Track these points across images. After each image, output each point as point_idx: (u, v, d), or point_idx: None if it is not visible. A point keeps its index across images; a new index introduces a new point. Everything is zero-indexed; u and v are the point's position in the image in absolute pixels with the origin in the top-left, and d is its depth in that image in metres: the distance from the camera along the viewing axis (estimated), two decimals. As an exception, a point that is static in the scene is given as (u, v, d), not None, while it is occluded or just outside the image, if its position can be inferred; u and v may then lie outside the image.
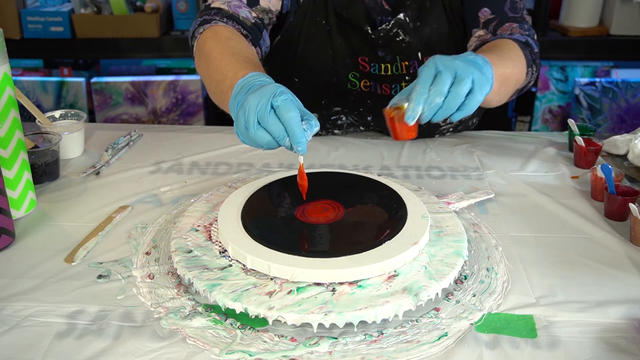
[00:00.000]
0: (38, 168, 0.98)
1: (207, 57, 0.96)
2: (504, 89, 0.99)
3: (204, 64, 0.97)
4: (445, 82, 0.78)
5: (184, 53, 2.19)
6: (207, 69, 0.95)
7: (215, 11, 1.04)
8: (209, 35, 1.00)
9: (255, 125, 0.74)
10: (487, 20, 1.10)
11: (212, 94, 0.96)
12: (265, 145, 0.76)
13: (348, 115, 1.17)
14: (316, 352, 0.64)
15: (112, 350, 0.64)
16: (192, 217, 0.85)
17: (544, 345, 0.66)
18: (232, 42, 0.98)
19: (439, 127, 1.17)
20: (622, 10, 2.12)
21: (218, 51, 0.95)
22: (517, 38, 1.05)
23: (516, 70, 1.00)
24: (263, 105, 0.73)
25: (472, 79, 0.79)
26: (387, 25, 1.10)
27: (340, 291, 0.68)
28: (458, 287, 0.74)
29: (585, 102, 2.25)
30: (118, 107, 2.28)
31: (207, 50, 0.97)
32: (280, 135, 0.74)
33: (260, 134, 0.74)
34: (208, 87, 0.97)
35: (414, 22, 1.11)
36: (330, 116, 1.17)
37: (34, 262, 0.79)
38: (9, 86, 0.87)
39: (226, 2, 1.05)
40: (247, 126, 0.74)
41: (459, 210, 0.92)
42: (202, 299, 0.71)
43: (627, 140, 1.09)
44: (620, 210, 0.89)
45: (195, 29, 1.04)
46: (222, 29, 1.01)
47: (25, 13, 2.13)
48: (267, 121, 0.73)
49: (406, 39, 1.11)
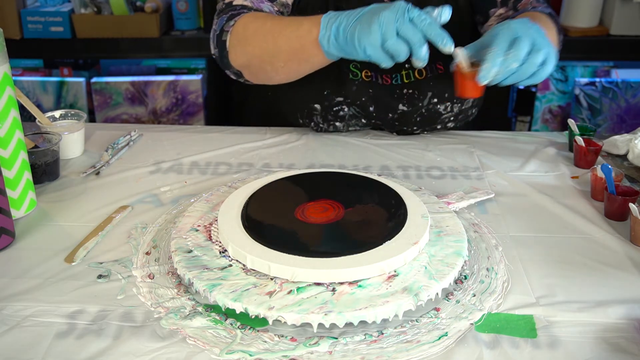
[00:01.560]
0: (38, 168, 0.98)
1: (260, 29, 1.00)
2: None
3: (259, 36, 1.00)
4: (523, 48, 0.81)
5: (184, 53, 2.19)
6: (266, 36, 0.99)
7: (240, 7, 1.07)
8: (248, 19, 1.03)
9: (394, 36, 0.81)
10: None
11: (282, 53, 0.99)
12: (403, 56, 0.83)
13: (350, 106, 1.17)
14: (316, 352, 0.64)
15: (112, 350, 0.64)
16: (192, 217, 0.85)
17: (544, 345, 0.66)
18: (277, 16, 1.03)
19: (440, 115, 1.18)
20: (622, 10, 2.12)
21: (271, 20, 1.00)
22: (542, 10, 1.07)
23: (552, 39, 1.02)
24: (401, 16, 0.81)
25: (547, 50, 0.83)
26: None
27: (340, 291, 0.68)
28: (458, 287, 0.74)
29: (585, 102, 2.25)
30: (118, 107, 2.28)
31: (255, 26, 1.01)
32: (420, 42, 0.82)
33: (400, 45, 0.82)
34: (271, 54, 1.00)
35: (420, 6, 1.13)
36: (332, 107, 1.17)
37: (34, 262, 0.79)
38: (9, 86, 0.87)
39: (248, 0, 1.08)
40: (385, 38, 0.82)
41: (459, 210, 0.92)
42: (202, 299, 0.71)
43: (627, 140, 1.09)
44: (620, 210, 0.89)
45: (223, 24, 1.05)
46: (257, 13, 1.05)
47: (25, 13, 2.13)
48: (408, 30, 0.81)
49: None
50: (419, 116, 1.16)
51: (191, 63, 2.32)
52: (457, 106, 1.17)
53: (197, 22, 2.24)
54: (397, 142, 1.17)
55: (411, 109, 1.14)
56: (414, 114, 1.15)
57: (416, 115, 1.16)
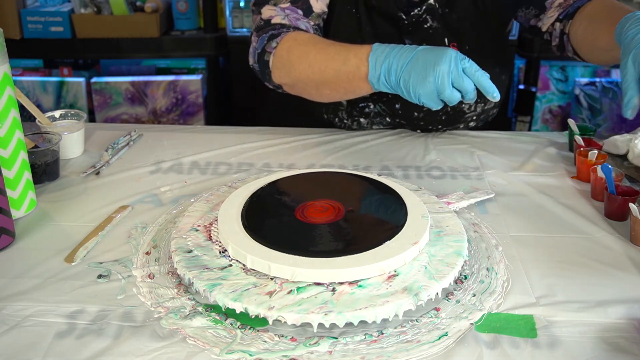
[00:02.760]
0: (38, 168, 0.98)
1: (305, 57, 0.99)
2: None
3: (304, 64, 0.99)
4: None
5: (184, 53, 2.19)
6: (312, 66, 0.98)
7: (280, 26, 1.05)
8: (291, 44, 1.01)
9: (449, 87, 0.85)
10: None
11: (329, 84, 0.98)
12: (457, 100, 0.87)
13: (376, 103, 1.17)
14: (316, 352, 0.64)
15: (112, 350, 0.64)
16: (192, 217, 0.85)
17: (544, 345, 0.66)
18: (316, 39, 1.02)
19: (464, 114, 1.18)
20: (622, 10, 2.12)
21: (314, 48, 0.99)
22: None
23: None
24: (455, 68, 0.84)
25: None
26: (419, 10, 1.12)
27: (340, 291, 0.68)
28: (458, 287, 0.74)
29: (585, 102, 2.25)
30: (118, 107, 2.28)
31: (299, 53, 1.00)
32: (472, 90, 0.86)
33: (455, 94, 0.86)
34: (317, 82, 0.99)
35: (442, 8, 1.13)
36: (358, 103, 1.17)
37: (34, 262, 0.79)
38: (9, 86, 0.87)
39: (285, 17, 1.06)
40: (441, 89, 0.85)
41: (459, 210, 0.92)
42: (202, 298, 0.71)
43: (627, 140, 1.09)
44: (620, 210, 0.89)
45: (264, 44, 1.04)
46: (298, 34, 1.03)
47: (25, 13, 2.13)
48: (462, 82, 0.85)
49: (434, 24, 1.13)
50: (444, 114, 1.17)
51: (191, 63, 2.32)
52: (481, 106, 1.18)
53: (197, 22, 2.24)
54: (397, 142, 1.17)
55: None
56: (440, 112, 1.15)
57: (441, 114, 1.16)
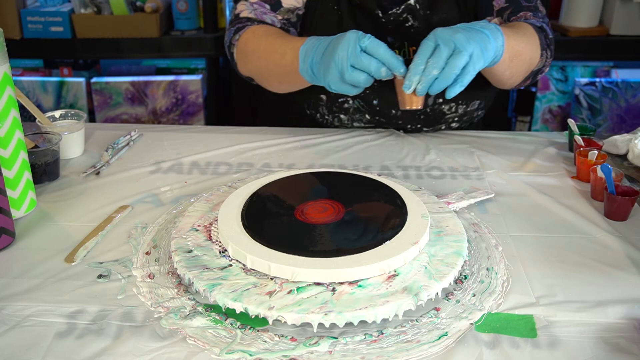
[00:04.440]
0: (38, 168, 0.98)
1: (256, 49, 1.06)
2: (516, 63, 1.01)
3: (255, 56, 1.07)
4: (442, 55, 0.83)
5: (184, 53, 2.19)
6: (260, 58, 1.06)
7: (245, 20, 1.14)
8: (249, 36, 1.10)
9: (349, 69, 0.84)
10: (502, 9, 1.14)
11: (274, 76, 1.06)
12: (363, 83, 0.87)
13: (355, 99, 1.18)
14: (316, 352, 0.64)
15: (112, 350, 0.65)
16: (192, 217, 0.85)
17: (544, 345, 0.66)
18: (272, 31, 1.09)
19: (444, 115, 1.18)
20: (622, 10, 2.12)
21: (265, 41, 1.06)
22: (533, 23, 1.08)
23: (529, 48, 1.02)
24: (353, 50, 0.83)
25: (470, 52, 0.83)
26: (397, 9, 1.13)
27: (340, 291, 0.68)
28: (458, 287, 0.74)
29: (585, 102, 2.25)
30: (118, 107, 2.28)
31: (253, 46, 1.08)
32: (377, 67, 0.85)
33: (357, 75, 0.85)
34: (267, 74, 1.07)
35: (424, 10, 1.14)
36: (337, 98, 1.18)
37: (34, 262, 0.79)
38: (9, 86, 0.87)
39: (252, 11, 1.13)
40: (342, 73, 0.85)
41: (459, 210, 0.92)
42: (202, 298, 0.71)
43: (627, 140, 1.09)
44: (620, 210, 0.89)
45: (231, 37, 1.13)
46: (258, 27, 1.11)
47: (25, 13, 2.13)
48: (362, 62, 0.84)
49: (415, 24, 1.13)
50: (423, 114, 1.17)
51: (191, 63, 2.32)
52: (462, 107, 1.18)
53: (197, 22, 2.24)
54: (397, 142, 1.17)
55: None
56: (418, 111, 1.16)
57: (420, 114, 1.16)
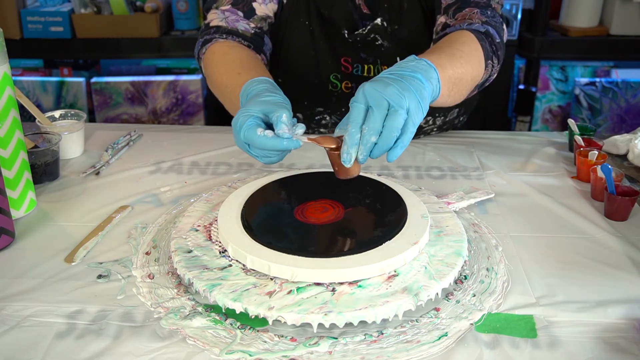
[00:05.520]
0: (38, 168, 0.98)
1: (211, 72, 1.04)
2: (457, 90, 0.92)
3: (210, 79, 1.05)
4: (376, 119, 0.72)
5: (184, 53, 2.19)
6: (211, 82, 1.04)
7: (215, 29, 1.08)
8: (209, 56, 1.06)
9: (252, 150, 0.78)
10: (448, 5, 1.06)
11: (224, 103, 1.03)
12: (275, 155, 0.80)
13: (331, 115, 1.18)
14: (316, 352, 0.64)
15: (112, 350, 0.64)
16: (192, 217, 0.85)
17: (544, 345, 0.66)
18: (228, 57, 1.03)
19: (421, 128, 1.17)
20: (622, 10, 2.12)
21: (219, 65, 1.02)
22: (476, 28, 1.00)
23: (470, 69, 0.93)
24: (241, 144, 0.78)
25: (406, 108, 0.73)
26: (363, 30, 1.11)
27: (340, 291, 0.68)
28: (458, 287, 0.74)
29: (585, 102, 2.25)
30: (118, 107, 2.28)
31: (209, 72, 1.05)
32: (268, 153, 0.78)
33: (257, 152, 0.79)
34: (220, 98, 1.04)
35: (391, 26, 1.11)
36: (314, 116, 1.18)
37: (34, 262, 0.79)
38: (9, 86, 0.87)
39: (224, 19, 1.08)
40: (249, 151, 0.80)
41: (459, 210, 0.92)
42: (202, 299, 0.71)
43: (627, 140, 1.09)
44: (621, 210, 0.89)
45: (199, 50, 1.09)
46: (219, 47, 1.06)
47: (25, 13, 2.13)
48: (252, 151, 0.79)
49: (384, 43, 1.11)
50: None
51: (191, 63, 2.32)
52: (440, 119, 1.17)
53: (197, 22, 2.24)
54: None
55: None
56: None
57: None
